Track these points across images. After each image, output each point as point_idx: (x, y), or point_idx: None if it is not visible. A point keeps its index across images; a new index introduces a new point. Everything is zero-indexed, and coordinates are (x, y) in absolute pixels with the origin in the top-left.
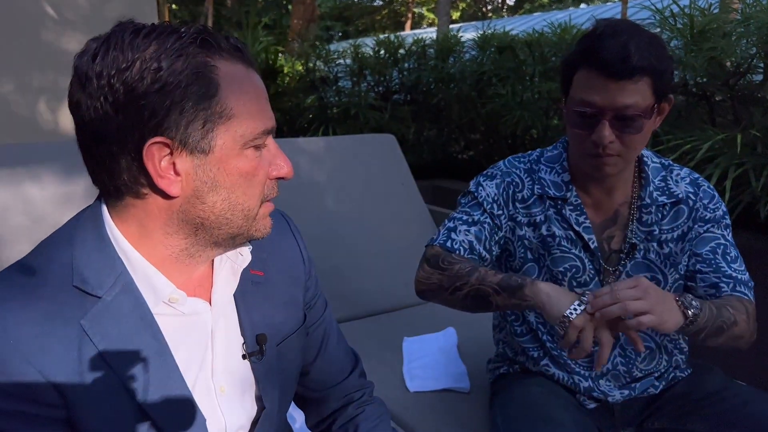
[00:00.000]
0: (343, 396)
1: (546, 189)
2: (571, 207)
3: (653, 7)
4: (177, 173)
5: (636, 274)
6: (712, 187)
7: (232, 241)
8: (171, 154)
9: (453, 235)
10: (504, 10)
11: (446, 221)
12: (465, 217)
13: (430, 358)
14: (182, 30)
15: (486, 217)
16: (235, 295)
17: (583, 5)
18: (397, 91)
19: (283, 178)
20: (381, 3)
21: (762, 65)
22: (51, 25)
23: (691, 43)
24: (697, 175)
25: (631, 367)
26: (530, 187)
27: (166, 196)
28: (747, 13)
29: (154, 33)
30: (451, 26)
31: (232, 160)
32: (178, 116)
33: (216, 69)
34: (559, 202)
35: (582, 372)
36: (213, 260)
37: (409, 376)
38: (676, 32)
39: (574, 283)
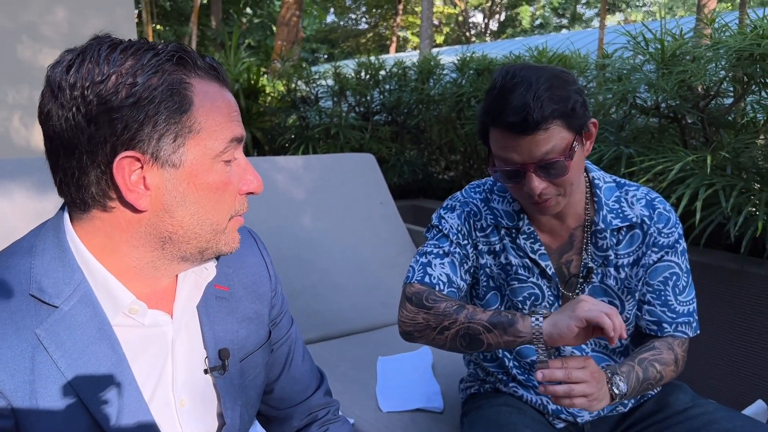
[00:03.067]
0: (307, 414)
1: (499, 219)
2: (525, 235)
3: (628, 33)
4: (147, 187)
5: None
6: (670, 208)
7: (199, 256)
8: (142, 168)
9: (429, 270)
10: (487, 35)
11: (417, 256)
12: (436, 250)
13: (405, 377)
14: (159, 47)
15: (455, 248)
16: (198, 309)
17: (564, 30)
18: (378, 112)
19: (252, 192)
20: (366, 26)
21: (731, 89)
22: (28, 41)
23: (663, 67)
24: (654, 195)
25: None
26: (486, 216)
27: (134, 209)
28: (716, 38)
29: (131, 49)
30: (433, 50)
31: (202, 175)
32: (151, 130)
33: (191, 86)
34: (513, 231)
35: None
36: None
37: (382, 396)
38: (648, 56)
39: None
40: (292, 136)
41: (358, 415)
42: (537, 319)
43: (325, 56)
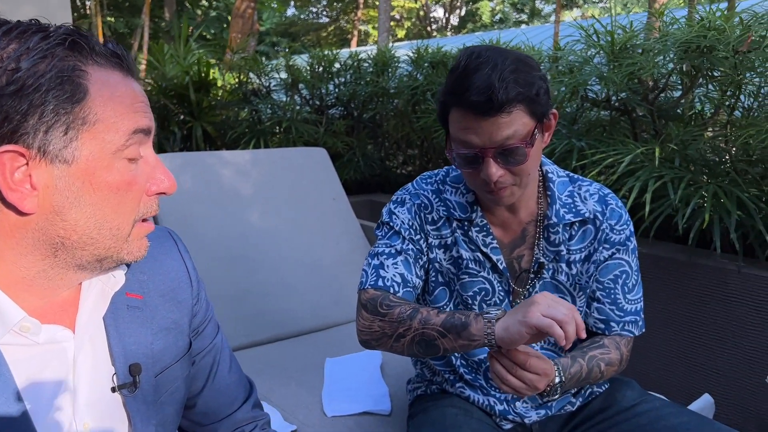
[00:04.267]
0: (232, 430)
1: (452, 211)
2: (477, 228)
3: (580, 26)
4: (33, 186)
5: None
6: (621, 205)
7: (98, 265)
8: (27, 164)
9: (382, 273)
10: (448, 30)
11: (369, 258)
12: (387, 250)
13: (352, 379)
14: (50, 30)
15: (407, 245)
16: (105, 321)
17: (523, 26)
18: (333, 105)
19: (163, 193)
20: (327, 20)
21: (680, 81)
22: None
23: (613, 60)
24: (607, 191)
25: None
26: (438, 208)
27: (19, 212)
28: (664, 30)
29: (16, 30)
30: (391, 44)
31: (101, 173)
32: (37, 122)
33: (86, 74)
34: (465, 223)
35: (497, 395)
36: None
37: (328, 400)
38: (599, 48)
39: (485, 306)
40: (246, 130)
41: (302, 420)
42: (489, 323)
43: (286, 50)
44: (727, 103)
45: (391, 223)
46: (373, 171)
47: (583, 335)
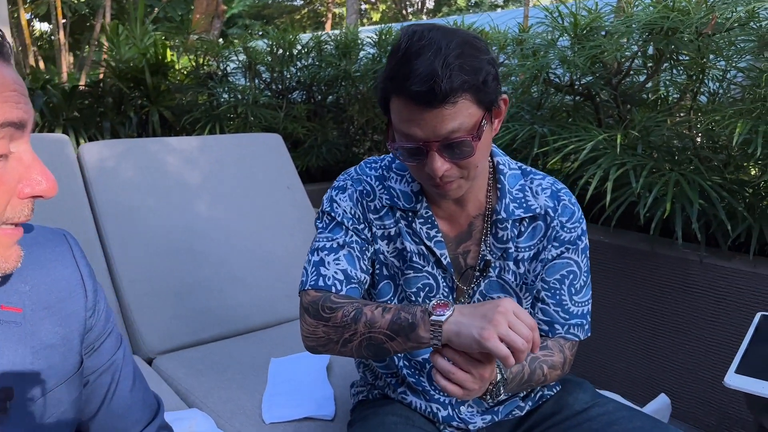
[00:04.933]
0: None
1: (396, 200)
2: (422, 220)
3: (545, 8)
4: None
5: (490, 293)
6: (575, 201)
7: None
8: None
9: (322, 270)
10: (423, 13)
11: (310, 255)
12: (328, 244)
13: (297, 381)
14: None
15: (351, 236)
16: None
17: (499, 10)
18: (294, 89)
19: (40, 196)
20: (301, 2)
21: (643, 64)
22: None
23: (576, 42)
24: (560, 186)
25: None
26: (381, 196)
27: None
28: (629, 12)
29: None
30: (361, 28)
31: None
32: None
33: None
34: (410, 214)
35: (441, 399)
36: None
37: (267, 405)
38: (563, 30)
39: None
40: (202, 115)
41: (238, 428)
42: (436, 327)
43: (260, 33)
44: (691, 88)
45: (332, 213)
46: (336, 157)
47: (537, 351)
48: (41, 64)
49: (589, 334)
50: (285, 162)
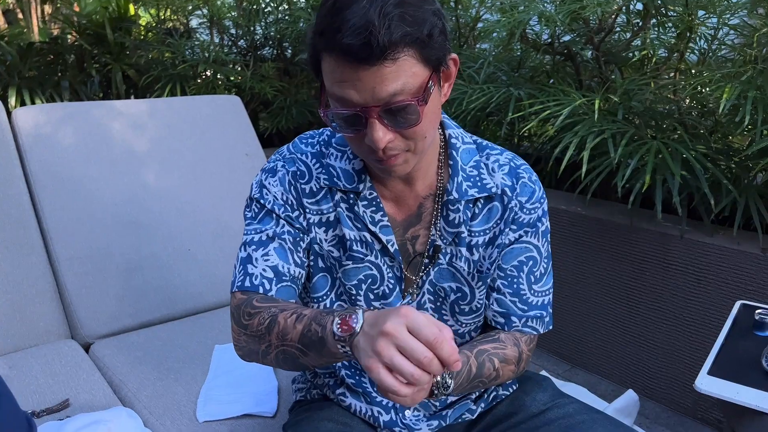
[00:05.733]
0: None
1: (335, 180)
2: (366, 202)
3: None
4: None
5: (441, 283)
6: (536, 179)
7: None
8: None
9: (249, 269)
10: None
11: (239, 250)
12: (256, 237)
13: (238, 372)
14: None
15: (283, 226)
16: None
17: None
18: (263, 46)
19: None
20: None
21: (627, 21)
22: None
23: None
24: (520, 162)
25: None
26: (318, 176)
27: None
28: None
29: None
30: None
31: None
32: None
33: None
34: (351, 196)
35: (382, 402)
36: None
37: (203, 400)
38: None
39: (371, 296)
40: (161, 74)
41: (168, 428)
42: (342, 343)
43: None
44: (678, 48)
45: (261, 200)
46: (307, 119)
47: (455, 369)
48: None
49: (550, 327)
50: (244, 127)
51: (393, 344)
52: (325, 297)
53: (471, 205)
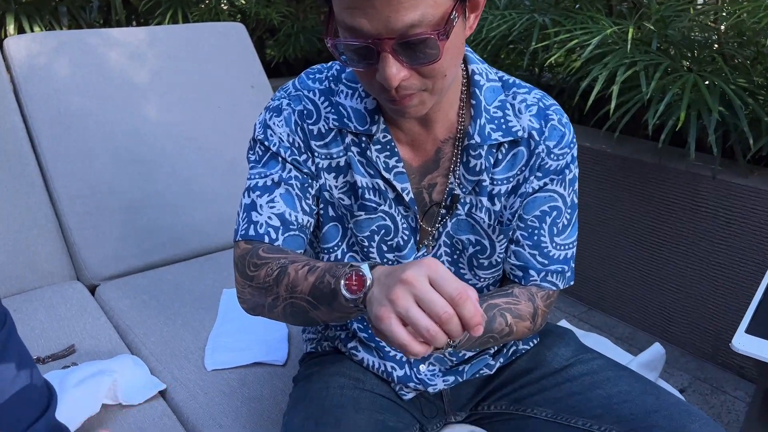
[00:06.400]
0: None
1: (346, 121)
2: (379, 146)
3: None
4: None
5: (459, 235)
6: (567, 121)
7: None
8: None
9: (254, 216)
10: None
11: (243, 196)
12: (261, 182)
13: (248, 318)
14: None
15: (289, 171)
16: None
17: None
18: None
19: None
20: None
21: None
22: None
23: None
24: (549, 102)
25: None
26: (327, 116)
27: None
28: None
29: None
30: None
31: None
32: None
33: None
34: (364, 139)
35: (396, 357)
36: None
37: (211, 348)
38: None
39: (384, 248)
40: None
41: (175, 376)
42: (354, 297)
43: None
44: None
45: (266, 142)
46: (316, 47)
47: (476, 333)
48: None
49: (571, 283)
50: (249, 56)
51: (411, 294)
52: (336, 248)
53: (494, 150)
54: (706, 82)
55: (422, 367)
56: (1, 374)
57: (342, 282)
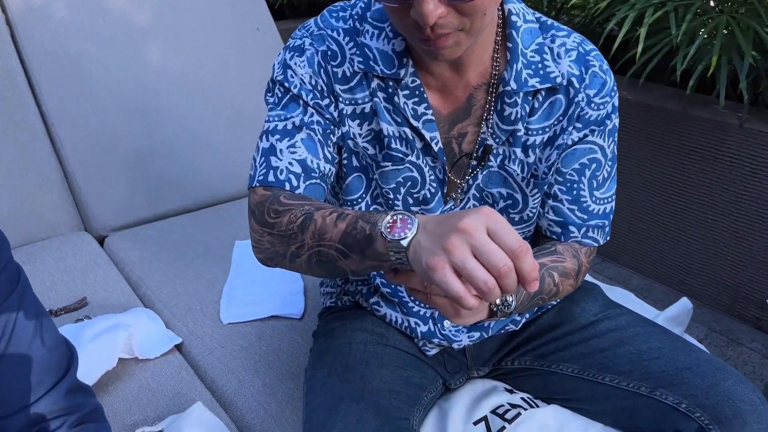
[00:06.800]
0: (30, 426)
1: (372, 63)
2: (407, 92)
3: None
4: None
5: (489, 188)
6: (607, 68)
7: None
8: None
9: (273, 161)
10: None
11: (259, 140)
12: (281, 125)
13: (262, 269)
14: None
15: (311, 115)
16: None
17: None
18: None
19: None
20: None
21: None
22: None
23: None
24: (590, 47)
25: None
26: (352, 58)
27: None
28: None
29: None
30: None
31: None
32: None
33: None
34: (391, 83)
35: (420, 312)
36: None
37: (227, 301)
38: None
39: (410, 201)
40: None
41: (191, 329)
42: (396, 242)
43: None
44: None
45: (286, 83)
46: None
47: (532, 289)
48: None
49: (608, 238)
50: None
51: (468, 244)
52: (360, 200)
53: (530, 98)
54: (739, 25)
55: (447, 323)
56: (19, 335)
57: (384, 222)
